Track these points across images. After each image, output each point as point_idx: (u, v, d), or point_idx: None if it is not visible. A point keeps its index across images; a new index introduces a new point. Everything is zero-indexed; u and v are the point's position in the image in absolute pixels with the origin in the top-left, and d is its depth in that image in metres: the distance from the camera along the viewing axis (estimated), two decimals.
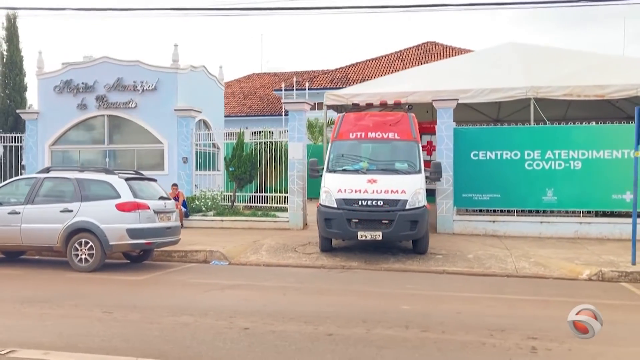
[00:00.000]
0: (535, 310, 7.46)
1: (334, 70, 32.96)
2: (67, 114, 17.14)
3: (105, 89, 16.88)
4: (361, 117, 12.55)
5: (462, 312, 7.09)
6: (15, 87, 18.00)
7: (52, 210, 9.79)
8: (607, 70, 15.53)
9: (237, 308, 7.18)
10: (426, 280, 9.57)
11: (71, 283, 8.92)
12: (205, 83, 18.74)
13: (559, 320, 6.63)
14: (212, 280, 9.30)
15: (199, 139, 17.08)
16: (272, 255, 11.61)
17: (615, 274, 9.75)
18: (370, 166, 11.73)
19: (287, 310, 7.09)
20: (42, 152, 17.39)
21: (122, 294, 8.25)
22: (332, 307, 7.27)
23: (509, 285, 9.34)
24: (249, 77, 39.68)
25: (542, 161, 13.89)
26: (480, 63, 17.39)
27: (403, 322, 6.46)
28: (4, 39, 17.93)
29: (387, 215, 10.70)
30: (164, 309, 7.03)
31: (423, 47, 34.97)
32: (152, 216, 9.88)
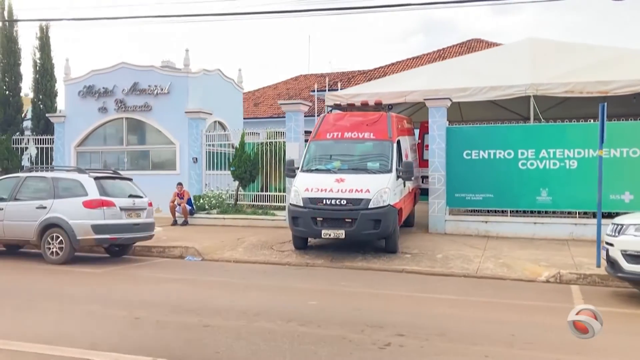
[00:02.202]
0: (444, 309, 7.44)
1: (372, 70, 32.98)
2: (90, 117, 18.23)
3: (123, 93, 17.82)
4: (340, 117, 12.71)
5: (362, 309, 7.20)
6: (46, 92, 19.30)
7: (30, 206, 10.61)
8: (619, 64, 14.89)
9: (153, 300, 7.61)
10: (375, 279, 9.65)
11: (31, 274, 9.72)
12: (221, 86, 19.37)
13: (456, 319, 6.71)
14: (165, 274, 9.79)
15: (213, 140, 17.66)
16: (247, 252, 11.98)
17: (573, 276, 9.49)
18: (343, 166, 11.86)
19: (196, 303, 7.44)
20: (69, 153, 18.58)
21: (65, 284, 8.86)
22: (242, 302, 7.56)
23: (455, 285, 9.28)
24: (295, 78, 40.27)
25: (536, 160, 13.53)
26: (489, 61, 17.10)
27: (288, 316, 6.66)
28: (37, 48, 19.27)
29: (349, 214, 10.82)
30: (84, 299, 7.58)
31: (467, 44, 34.31)
32: (118, 213, 10.50)
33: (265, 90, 38.58)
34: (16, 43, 19.20)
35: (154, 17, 18.67)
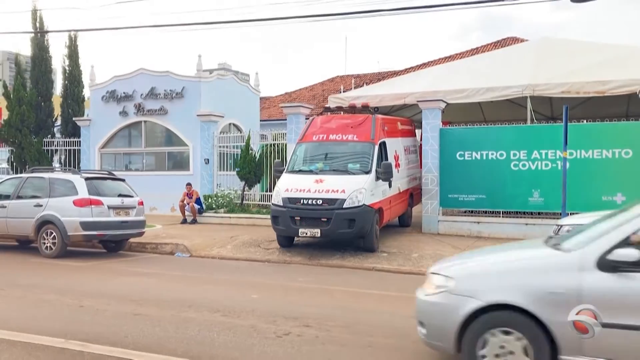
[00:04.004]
0: (373, 304, 7.78)
1: (402, 70, 33.03)
2: (112, 120, 19.26)
3: (142, 97, 18.75)
4: (327, 120, 13.10)
5: (294, 302, 7.64)
6: (74, 98, 20.48)
7: (29, 205, 11.53)
8: (622, 63, 14.64)
9: (112, 291, 8.25)
10: (339, 276, 10.03)
11: (20, 266, 10.61)
12: (236, 89, 20.07)
13: (370, 313, 7.04)
14: (144, 269, 10.47)
15: (228, 142, 18.33)
16: (234, 249, 12.54)
17: None
18: (325, 167, 12.24)
19: (148, 294, 8.05)
20: (94, 155, 19.69)
21: (45, 275, 9.64)
22: (189, 294, 8.11)
23: (412, 282, 9.50)
24: (332, 79, 40.71)
25: (529, 161, 13.54)
26: (494, 62, 17.11)
27: (218, 307, 7.16)
28: (67, 56, 20.47)
29: (325, 214, 11.20)
30: (49, 288, 8.33)
31: (502, 43, 33.89)
32: (106, 211, 11.28)
33: (301, 92, 39.16)
34: (47, 52, 20.46)
35: (197, 25, 19.42)
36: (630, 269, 4.27)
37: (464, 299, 4.66)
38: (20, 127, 19.27)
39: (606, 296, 4.32)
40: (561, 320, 4.36)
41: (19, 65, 20.63)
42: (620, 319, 4.24)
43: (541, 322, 4.42)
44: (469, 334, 4.63)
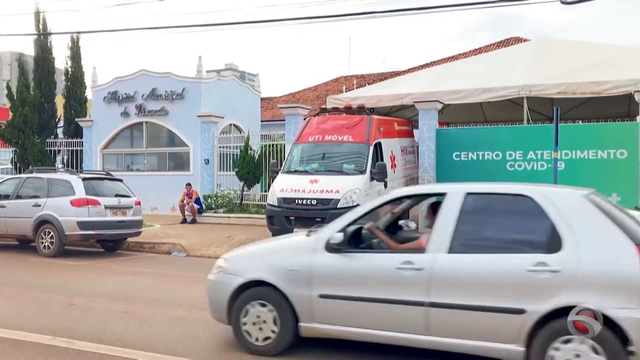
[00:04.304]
0: None
1: (405, 70, 33.08)
2: (114, 121, 19.44)
3: (143, 98, 18.92)
4: (323, 120, 13.20)
5: None
6: (77, 99, 20.69)
7: (28, 204, 11.70)
8: (619, 63, 14.66)
9: (104, 289, 8.40)
10: None
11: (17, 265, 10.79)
12: (237, 90, 20.22)
13: None
14: (139, 268, 10.61)
15: (229, 142, 18.46)
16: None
17: None
18: (320, 167, 12.35)
19: (139, 293, 8.22)
20: (96, 155, 19.89)
21: (40, 274, 9.81)
22: (179, 293, 8.26)
23: None
24: (335, 80, 40.80)
25: (524, 162, 13.60)
26: (492, 63, 17.14)
27: (202, 305, 7.27)
28: (69, 57, 20.68)
29: (319, 214, 11.29)
30: (42, 286, 8.51)
31: (505, 43, 33.89)
32: (103, 211, 11.44)
33: (305, 92, 39.25)
34: (50, 53, 20.67)
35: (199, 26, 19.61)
36: (347, 249, 5.25)
37: (233, 277, 5.55)
38: (23, 127, 19.48)
39: (328, 272, 5.25)
40: (299, 293, 5.26)
41: (22, 67, 20.86)
42: (337, 291, 5.17)
43: (285, 296, 5.31)
44: (236, 306, 5.50)
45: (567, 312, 4.40)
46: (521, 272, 4.63)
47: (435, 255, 4.94)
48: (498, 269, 4.74)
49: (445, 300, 4.80)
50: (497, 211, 5.24)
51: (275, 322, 5.35)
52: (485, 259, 4.84)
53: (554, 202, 4.81)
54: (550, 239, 4.69)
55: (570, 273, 4.51)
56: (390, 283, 5.00)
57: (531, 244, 4.88)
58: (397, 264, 5.00)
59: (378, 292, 5.02)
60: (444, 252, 4.92)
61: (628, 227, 4.72)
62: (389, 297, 4.98)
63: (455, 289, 4.80)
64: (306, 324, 5.30)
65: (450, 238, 4.95)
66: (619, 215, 4.97)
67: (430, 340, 4.88)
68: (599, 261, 4.51)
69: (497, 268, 4.75)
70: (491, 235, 5.12)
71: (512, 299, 4.60)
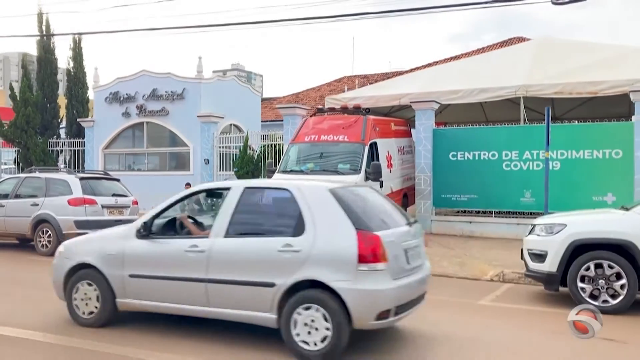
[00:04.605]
0: None
1: (408, 70, 33.12)
2: (115, 121, 19.60)
3: (144, 98, 19.07)
4: (320, 121, 13.30)
5: None
6: (78, 99, 20.91)
7: (26, 204, 11.85)
8: (617, 63, 14.67)
9: None
10: None
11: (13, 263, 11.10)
12: (237, 91, 20.35)
13: None
14: None
15: (229, 142, 18.58)
16: None
17: (515, 276, 9.64)
18: (315, 167, 12.44)
19: None
20: (97, 155, 20.06)
21: (33, 271, 10.07)
22: None
23: None
24: (339, 80, 40.87)
25: (520, 162, 13.65)
26: (490, 63, 17.20)
27: None
28: (71, 58, 20.89)
29: None
30: (32, 283, 8.71)
31: (508, 43, 33.86)
32: (100, 210, 11.59)
33: (308, 92, 39.32)
34: (53, 54, 20.87)
35: (202, 27, 19.73)
36: (153, 236, 6.12)
37: (67, 261, 6.46)
38: (25, 128, 19.68)
39: (135, 255, 6.10)
40: (115, 273, 6.11)
41: (25, 67, 21.08)
42: (142, 271, 6.01)
43: (105, 276, 6.16)
44: (69, 285, 6.39)
45: (306, 285, 5.27)
46: (273, 252, 5.46)
47: (214, 239, 5.78)
48: (257, 250, 5.61)
49: (219, 277, 5.64)
50: (265, 202, 6.23)
51: (98, 298, 6.21)
52: (249, 242, 5.75)
53: (304, 194, 5.64)
54: (297, 225, 5.50)
55: (307, 253, 5.32)
56: (180, 263, 5.85)
57: (284, 229, 5.68)
58: (186, 247, 5.86)
59: (171, 271, 5.89)
60: (221, 237, 5.77)
61: (360, 215, 5.51)
62: (179, 276, 5.84)
63: (226, 267, 5.65)
64: (121, 300, 6.16)
65: (227, 225, 5.79)
66: (360, 206, 5.79)
67: (211, 311, 5.76)
68: (328, 243, 5.33)
69: (256, 249, 5.62)
70: (258, 222, 6.09)
71: (266, 275, 5.43)
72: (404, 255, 5.54)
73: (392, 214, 6.08)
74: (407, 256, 5.60)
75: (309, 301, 5.25)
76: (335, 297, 5.16)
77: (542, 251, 7.64)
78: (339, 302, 5.16)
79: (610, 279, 7.11)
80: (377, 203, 6.21)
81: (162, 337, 6.00)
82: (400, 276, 5.40)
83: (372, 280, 5.15)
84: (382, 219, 5.80)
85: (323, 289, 5.21)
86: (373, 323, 5.25)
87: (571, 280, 7.31)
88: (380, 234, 5.31)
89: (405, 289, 5.46)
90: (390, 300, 5.27)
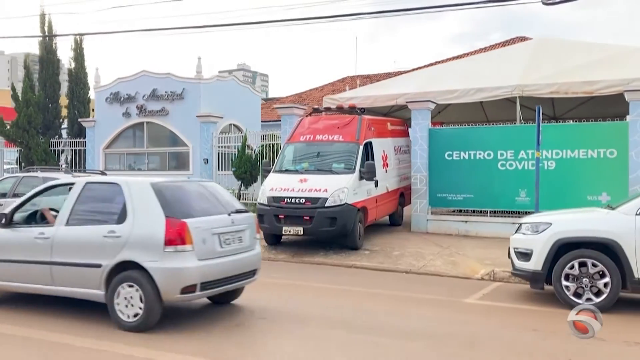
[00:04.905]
0: (326, 299, 8.09)
1: (410, 70, 33.14)
2: (116, 121, 19.75)
3: (144, 99, 19.22)
4: (315, 120, 13.39)
5: (251, 297, 7.96)
6: (80, 99, 21.10)
7: None
8: (613, 63, 14.68)
9: None
10: (316, 273, 10.35)
11: None
12: (237, 91, 20.46)
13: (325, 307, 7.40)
14: None
15: (228, 142, 18.69)
16: None
17: (505, 274, 9.72)
18: (310, 166, 12.52)
19: None
20: (98, 155, 20.23)
21: None
22: None
23: (385, 278, 9.81)
24: (342, 79, 40.94)
25: (515, 161, 13.66)
26: (488, 63, 17.23)
27: None
28: (72, 58, 21.07)
29: (308, 212, 11.48)
30: None
31: (510, 42, 33.83)
32: None
33: (311, 92, 39.40)
34: (55, 54, 21.06)
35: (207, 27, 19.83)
36: (15, 225, 7.13)
37: None
38: (27, 128, 19.86)
39: None
40: None
41: (28, 68, 21.24)
42: (4, 256, 7.01)
43: None
44: None
45: (126, 265, 6.23)
46: (99, 238, 6.41)
47: (57, 227, 6.75)
48: (88, 236, 6.56)
49: (60, 260, 6.59)
50: (101, 195, 7.01)
51: None
52: (83, 229, 6.67)
53: (130, 188, 6.58)
54: (121, 214, 6.44)
55: (126, 238, 6.27)
56: (31, 249, 6.81)
57: (111, 218, 6.55)
58: (35, 235, 6.83)
59: (24, 255, 6.88)
60: (63, 225, 6.74)
61: (173, 205, 6.42)
62: (30, 259, 6.81)
63: (66, 251, 6.59)
64: None
65: (68, 214, 6.76)
66: (177, 198, 6.67)
67: (57, 289, 6.71)
68: (143, 229, 6.27)
69: (88, 235, 6.57)
70: (93, 212, 6.86)
71: (95, 257, 6.37)
72: (216, 240, 6.51)
73: (215, 205, 6.97)
74: (220, 240, 6.56)
75: (128, 280, 6.22)
76: (148, 275, 6.11)
77: (527, 250, 7.71)
78: (150, 280, 6.10)
79: (594, 277, 7.17)
80: (203, 195, 7.08)
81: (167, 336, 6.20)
82: (208, 257, 6.34)
83: (177, 260, 6.10)
84: (198, 209, 6.69)
85: (139, 269, 6.15)
86: (179, 297, 6.23)
87: (556, 279, 7.39)
88: (188, 221, 6.23)
89: (213, 268, 6.39)
90: (195, 277, 6.19)
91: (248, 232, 7.09)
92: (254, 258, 7.17)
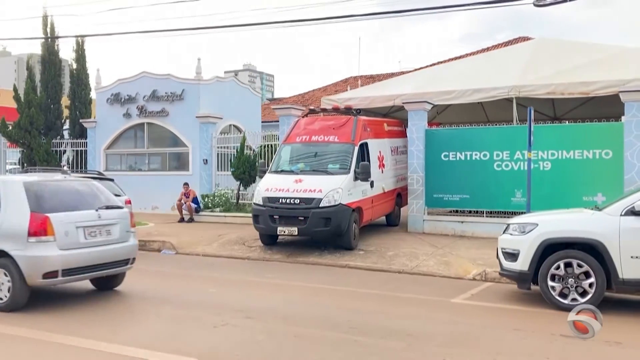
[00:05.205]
0: (321, 299, 8.12)
1: (411, 70, 33.17)
2: (116, 122, 19.89)
3: (144, 99, 19.34)
4: (311, 121, 13.46)
5: (247, 296, 8.04)
6: (81, 100, 21.24)
7: None
8: (611, 64, 14.67)
9: (86, 286, 8.76)
10: (310, 273, 10.40)
11: None
12: (236, 91, 20.57)
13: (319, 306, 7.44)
14: None
15: (228, 142, 18.79)
16: (219, 247, 12.97)
17: (497, 275, 9.69)
18: (306, 167, 12.60)
19: (119, 288, 8.54)
20: (99, 156, 20.37)
21: None
22: (153, 288, 8.59)
23: (378, 278, 9.86)
24: (345, 80, 40.98)
25: (511, 162, 13.68)
26: (486, 63, 17.25)
27: (168, 300, 7.60)
28: (74, 59, 21.24)
29: (302, 212, 11.56)
30: None
31: (512, 42, 33.78)
32: None
33: (314, 93, 39.46)
34: (57, 56, 21.22)
35: (210, 28, 19.92)
36: None
37: None
38: (29, 128, 20.03)
39: None
40: None
41: (30, 69, 21.41)
42: None
43: None
44: None
45: None
46: None
47: None
48: None
49: None
50: None
51: None
52: None
53: (5, 186, 7.43)
54: None
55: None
56: None
57: None
58: None
59: None
60: None
61: (39, 202, 7.23)
62: None
63: None
64: None
65: None
66: (46, 195, 7.42)
67: None
68: (11, 222, 7.13)
69: None
70: None
71: None
72: (81, 232, 7.31)
73: (85, 201, 7.72)
74: (85, 233, 7.36)
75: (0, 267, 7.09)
76: (14, 262, 6.94)
77: (514, 250, 7.76)
78: (16, 266, 6.94)
79: (580, 277, 7.22)
80: (77, 193, 7.83)
81: None
82: (70, 247, 7.15)
83: (39, 249, 6.95)
84: (65, 205, 7.43)
85: (7, 257, 6.98)
86: (41, 281, 7.03)
87: (542, 279, 7.43)
88: (51, 215, 7.06)
89: (77, 257, 7.19)
90: (55, 264, 7.00)
91: (118, 226, 7.85)
92: (126, 249, 7.94)
